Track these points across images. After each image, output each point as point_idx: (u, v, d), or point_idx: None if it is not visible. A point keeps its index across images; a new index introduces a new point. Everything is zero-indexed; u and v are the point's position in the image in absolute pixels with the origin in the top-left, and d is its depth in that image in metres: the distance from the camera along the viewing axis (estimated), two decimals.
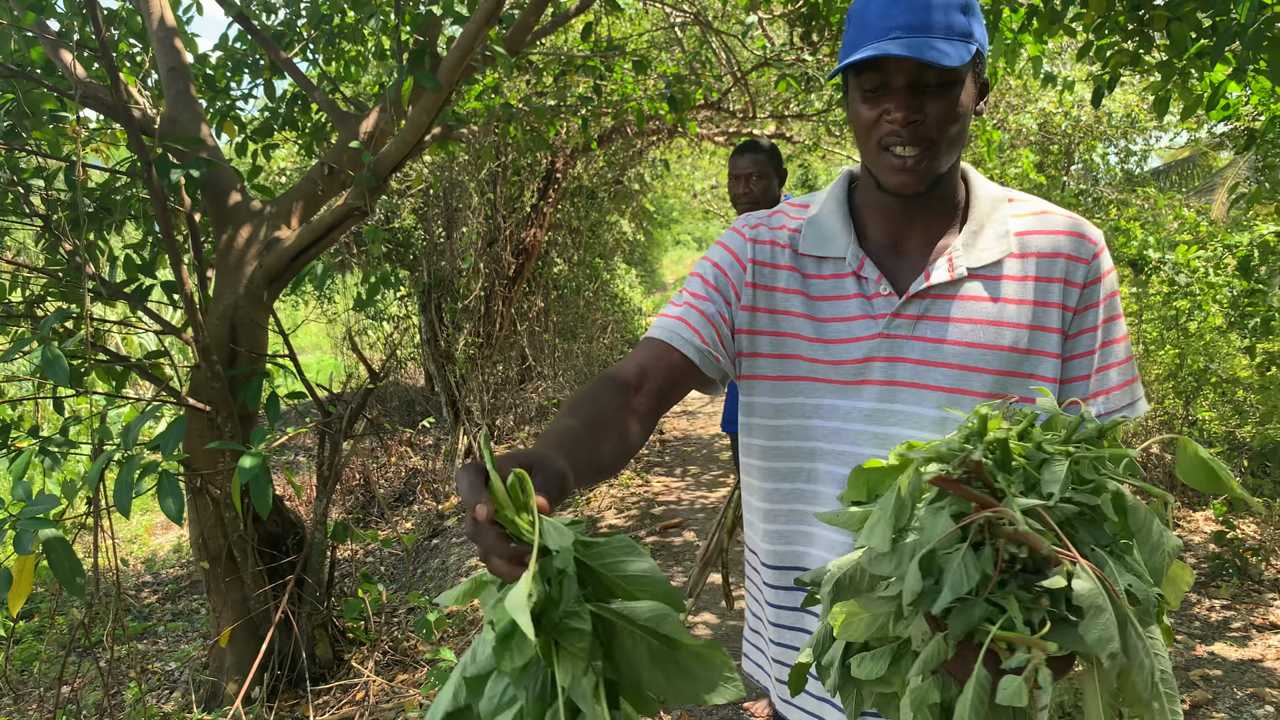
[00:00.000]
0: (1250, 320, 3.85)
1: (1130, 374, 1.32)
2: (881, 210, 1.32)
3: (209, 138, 3.82)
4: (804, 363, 1.32)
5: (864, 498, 1.03)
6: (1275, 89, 3.38)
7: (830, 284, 1.33)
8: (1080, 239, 1.28)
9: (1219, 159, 17.02)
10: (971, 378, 1.24)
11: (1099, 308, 1.27)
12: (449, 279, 7.22)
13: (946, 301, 1.26)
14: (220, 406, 3.48)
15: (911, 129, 1.19)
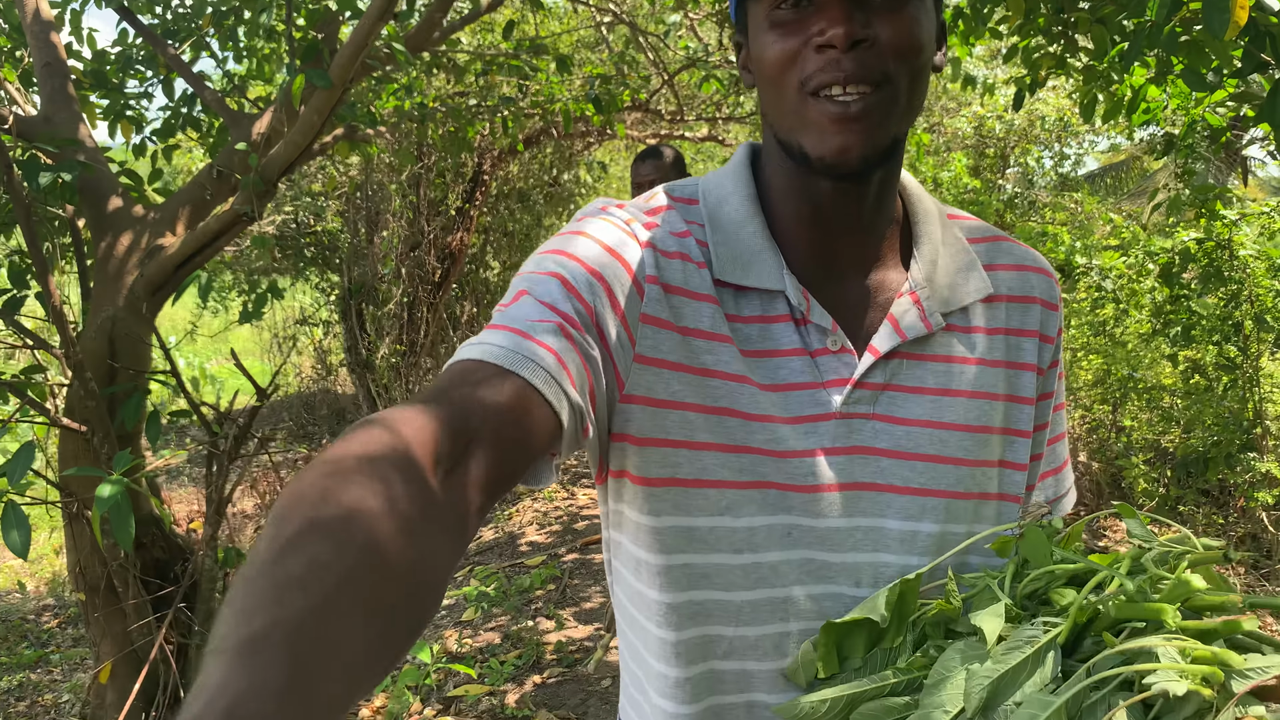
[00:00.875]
0: (1172, 328, 3.80)
1: (1066, 450, 1.02)
2: (806, 217, 0.87)
3: (88, 139, 3.58)
4: (715, 455, 0.83)
5: (836, 669, 0.76)
6: (1193, 94, 3.32)
7: (758, 332, 0.86)
8: (1049, 278, 0.95)
9: (1153, 163, 17.33)
10: (947, 473, 0.86)
11: (1058, 366, 0.96)
12: (370, 285, 7.00)
13: (917, 364, 0.87)
14: (96, 426, 3.25)
15: (857, 54, 0.77)
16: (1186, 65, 2.70)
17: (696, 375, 0.83)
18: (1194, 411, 4.06)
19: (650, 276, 0.83)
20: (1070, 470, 1.03)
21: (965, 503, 0.86)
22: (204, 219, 3.67)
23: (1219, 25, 2.06)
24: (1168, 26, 2.29)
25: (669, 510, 0.84)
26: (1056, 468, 0.99)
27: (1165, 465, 4.25)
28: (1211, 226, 3.69)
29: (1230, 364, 3.81)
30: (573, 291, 0.79)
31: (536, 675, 3.50)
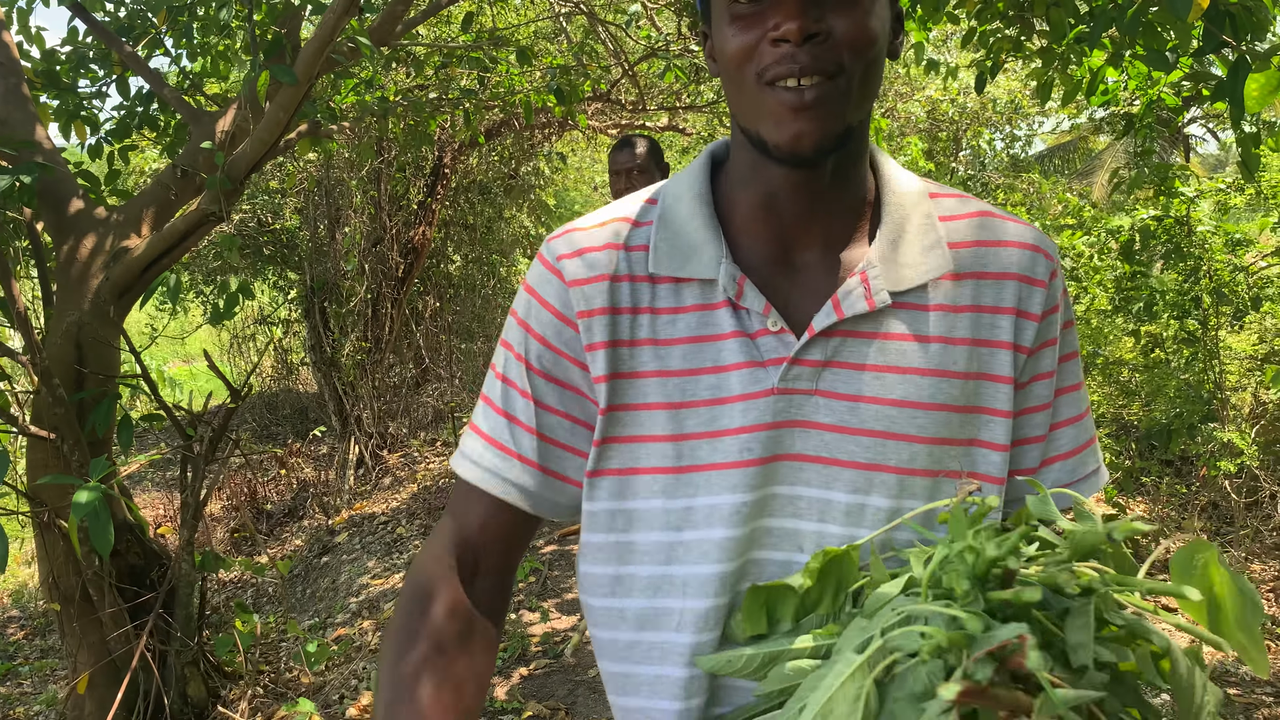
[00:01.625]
0: (1134, 304, 3.89)
1: (1089, 432, 0.99)
2: (764, 204, 0.91)
3: (45, 140, 3.51)
4: (668, 445, 0.90)
5: (764, 629, 0.78)
6: (1151, 74, 3.40)
7: (696, 319, 0.91)
8: (1034, 252, 0.93)
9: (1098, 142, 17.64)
10: (903, 450, 0.88)
11: (1055, 346, 0.94)
12: (333, 282, 6.92)
13: (862, 341, 0.89)
14: (66, 433, 3.20)
15: (811, 47, 0.81)
16: (1148, 46, 2.76)
17: (642, 380, 0.91)
18: (1155, 385, 4.16)
19: (583, 312, 0.92)
20: (1092, 455, 0.99)
21: (922, 480, 0.88)
22: (169, 219, 3.61)
23: (1182, 7, 2.11)
24: (1132, 10, 2.34)
25: (609, 495, 0.93)
26: (1065, 453, 0.97)
27: (1129, 438, 4.36)
28: (1169, 204, 3.79)
29: (1191, 337, 3.91)
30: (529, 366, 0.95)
31: (523, 668, 3.51)
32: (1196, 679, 0.66)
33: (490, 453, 0.95)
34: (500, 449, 0.95)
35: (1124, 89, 3.62)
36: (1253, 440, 3.63)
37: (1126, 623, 0.66)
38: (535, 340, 0.94)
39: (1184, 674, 0.66)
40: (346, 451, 6.90)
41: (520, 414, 0.95)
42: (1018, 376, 0.92)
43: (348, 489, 6.71)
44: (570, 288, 0.92)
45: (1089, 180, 16.09)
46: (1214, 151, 24.24)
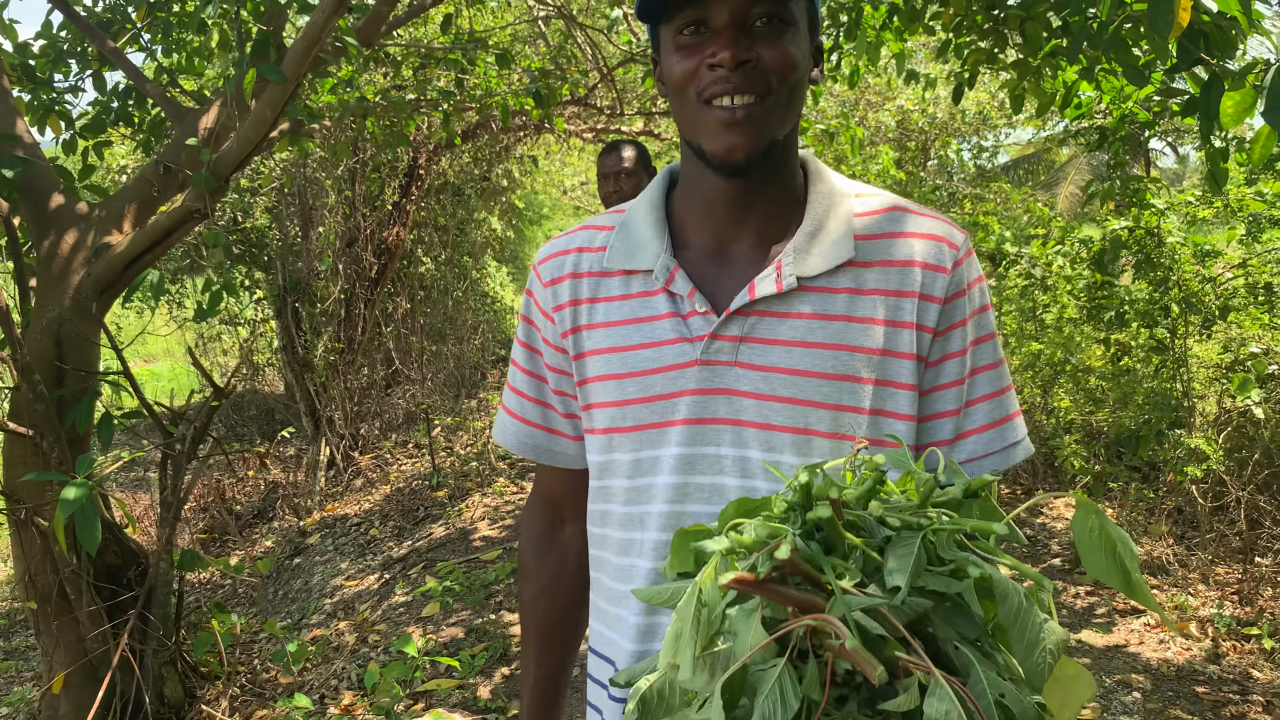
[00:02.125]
0: (1105, 313, 3.98)
1: (1008, 408, 1.08)
2: (704, 206, 1.08)
3: (26, 134, 3.47)
4: (615, 410, 1.09)
5: (690, 568, 0.85)
6: (1124, 88, 3.49)
7: (639, 304, 1.08)
8: (939, 242, 1.04)
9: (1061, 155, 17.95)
10: (808, 414, 1.01)
11: (965, 327, 1.04)
12: (306, 282, 6.88)
13: (775, 320, 1.02)
14: (45, 430, 3.16)
15: (742, 72, 0.97)
16: (1124, 62, 2.84)
17: (596, 356, 1.10)
18: (1123, 391, 4.26)
19: (555, 305, 1.14)
20: (1011, 430, 1.08)
21: (827, 442, 1.01)
22: (151, 216, 3.59)
23: (1164, 26, 2.18)
24: (1112, 27, 2.41)
25: (592, 451, 1.15)
26: (980, 426, 1.07)
27: (1097, 444, 4.45)
28: (1140, 215, 3.88)
29: (1160, 346, 4.01)
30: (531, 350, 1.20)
31: (504, 667, 3.51)
32: (1033, 616, 0.70)
33: (517, 425, 1.22)
34: (525, 423, 1.21)
35: (1098, 103, 3.71)
36: (1219, 446, 3.73)
37: (958, 558, 0.71)
38: (535, 331, 1.18)
39: (1015, 608, 0.70)
40: (318, 452, 6.85)
41: (530, 391, 1.20)
42: (924, 354, 1.03)
43: (319, 490, 6.66)
44: (546, 287, 1.15)
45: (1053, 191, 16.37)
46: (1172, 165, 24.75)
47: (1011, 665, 0.71)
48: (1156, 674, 3.23)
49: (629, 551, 1.11)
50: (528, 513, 1.30)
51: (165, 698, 3.54)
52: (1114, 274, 4.46)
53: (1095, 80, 3.56)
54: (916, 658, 0.67)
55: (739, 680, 0.69)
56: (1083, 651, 3.39)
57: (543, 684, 1.25)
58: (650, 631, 1.09)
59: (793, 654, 0.68)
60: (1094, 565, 0.76)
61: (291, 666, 3.53)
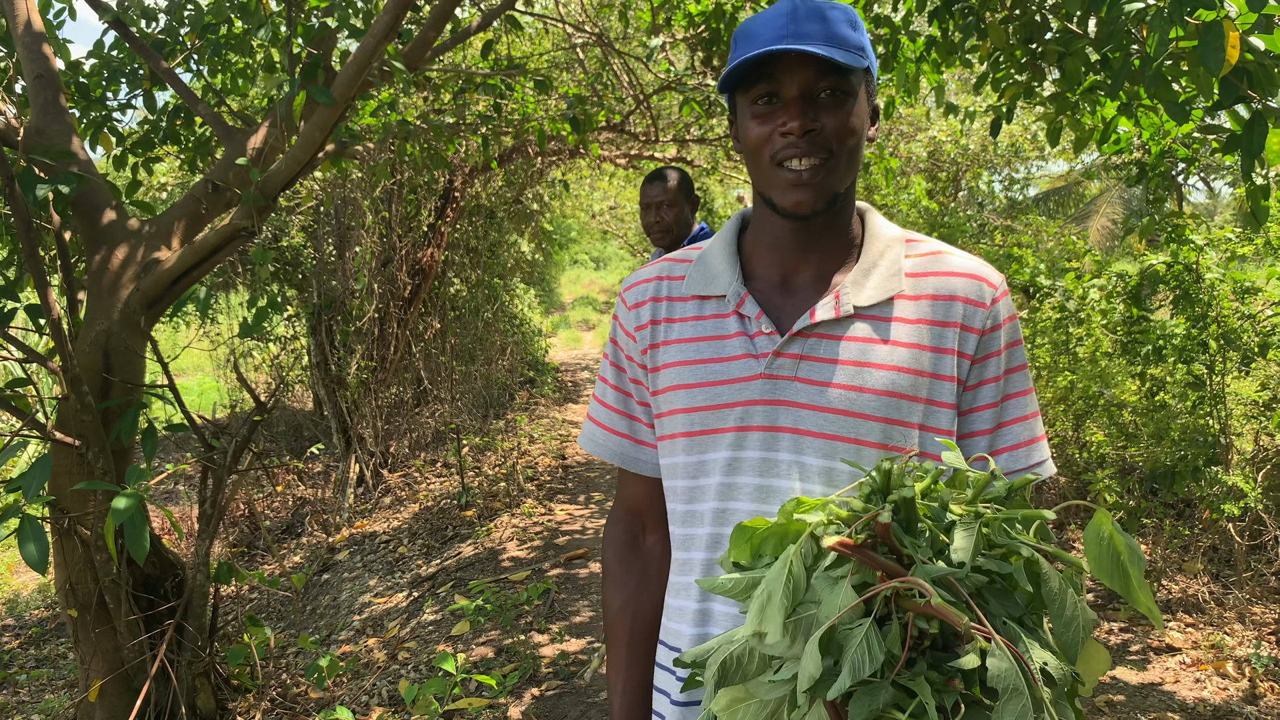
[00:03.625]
0: (1141, 347, 3.96)
1: (1035, 431, 1.22)
2: (771, 244, 1.24)
3: (80, 150, 3.56)
4: (683, 416, 1.23)
5: (747, 559, 0.93)
6: (1164, 124, 3.49)
7: (712, 324, 1.24)
8: (979, 282, 1.19)
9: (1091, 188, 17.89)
10: (860, 425, 1.14)
11: (1000, 357, 1.19)
12: (341, 300, 6.96)
13: (832, 342, 1.16)
14: (91, 441, 3.22)
15: (809, 139, 1.13)
16: (1164, 98, 2.85)
17: (670, 369, 1.24)
18: (1158, 427, 4.23)
19: (636, 326, 1.30)
20: (1037, 450, 1.22)
21: (875, 451, 1.13)
22: (199, 233, 3.66)
23: (1215, 64, 2.20)
24: (1155, 62, 2.42)
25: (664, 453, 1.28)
26: (1010, 445, 1.20)
27: (1131, 479, 4.42)
28: (1178, 250, 3.87)
29: (1198, 382, 3.98)
30: (619, 368, 1.35)
31: (534, 688, 3.52)
32: (1069, 596, 0.79)
33: (604, 435, 1.36)
34: (612, 433, 1.35)
35: (1137, 139, 3.72)
36: (1257, 484, 3.70)
37: (1008, 544, 0.81)
38: (624, 355, 1.33)
39: (1056, 589, 0.79)
40: (348, 469, 6.90)
41: (617, 404, 1.35)
42: (963, 378, 1.18)
43: (348, 507, 6.71)
44: (630, 310, 1.32)
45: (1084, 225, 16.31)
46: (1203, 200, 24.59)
47: (1049, 640, 0.80)
48: (1192, 713, 3.19)
49: (688, 546, 1.24)
50: (611, 521, 1.42)
51: (198, 709, 3.57)
52: (1150, 309, 4.44)
53: (1134, 116, 3.57)
54: (980, 625, 0.75)
55: (826, 639, 0.77)
56: (1117, 688, 3.36)
57: (632, 692, 1.33)
58: (706, 617, 1.21)
59: (876, 615, 0.77)
60: (1099, 570, 0.83)
61: (323, 681, 3.55)
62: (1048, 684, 0.75)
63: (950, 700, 0.75)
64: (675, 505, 1.26)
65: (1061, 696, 0.77)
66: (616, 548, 1.39)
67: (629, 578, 1.36)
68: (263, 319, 3.51)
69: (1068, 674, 0.77)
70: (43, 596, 6.53)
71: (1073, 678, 0.77)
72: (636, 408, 1.33)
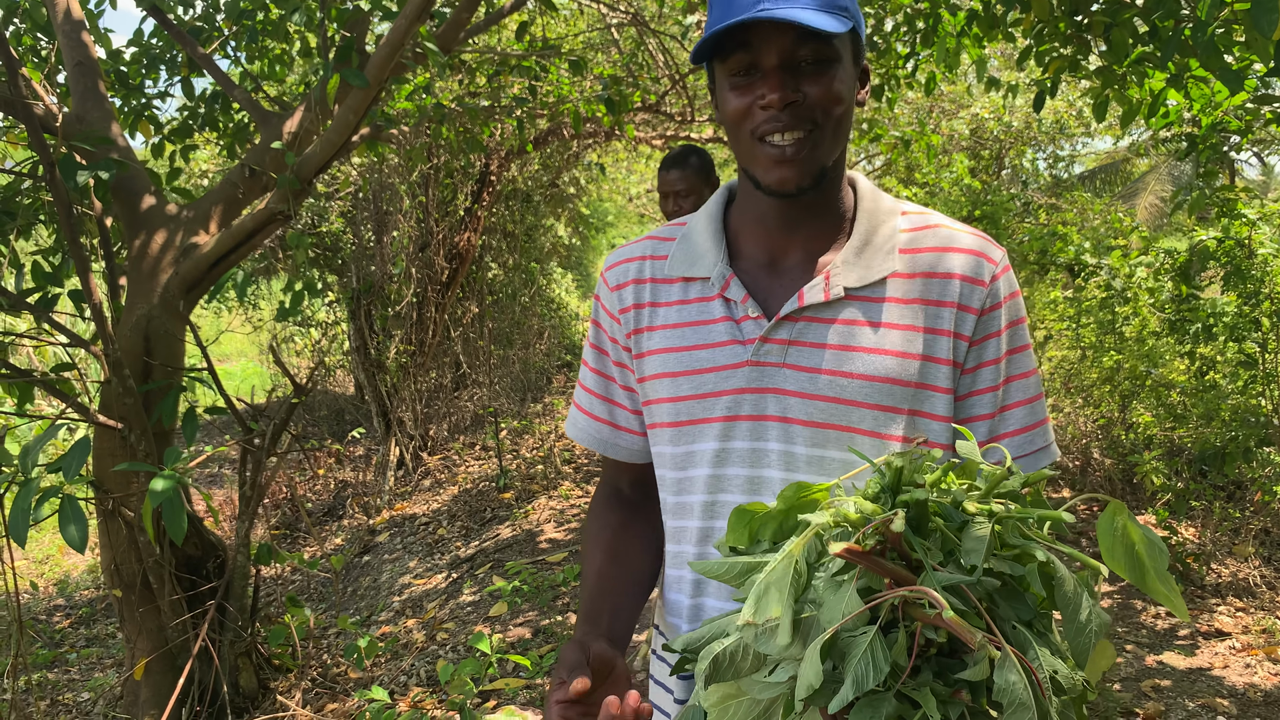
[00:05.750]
0: (1190, 326, 3.86)
1: (1038, 415, 1.15)
2: (758, 222, 1.16)
3: (120, 137, 3.59)
4: (669, 406, 1.17)
5: (744, 544, 0.89)
6: (1215, 96, 3.39)
7: (696, 308, 1.17)
8: (978, 258, 1.11)
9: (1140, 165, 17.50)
10: (850, 412, 1.08)
11: (1000, 337, 1.11)
12: (379, 285, 7.00)
13: (822, 325, 1.10)
14: (133, 423, 3.26)
15: (791, 111, 1.04)
16: (1217, 67, 2.76)
17: (655, 355, 1.19)
18: (1207, 407, 4.13)
19: (620, 308, 1.23)
20: (1041, 434, 1.15)
21: (869, 439, 1.08)
22: (236, 217, 3.68)
23: (1268, 25, 2.12)
24: (1210, 28, 2.34)
25: (652, 444, 1.23)
26: (1013, 430, 1.14)
27: (1179, 461, 4.32)
28: (1230, 226, 3.76)
29: (1250, 360, 3.87)
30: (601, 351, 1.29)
31: None
32: (1084, 600, 0.74)
33: (585, 420, 1.30)
34: (592, 418, 1.30)
35: (1186, 111, 3.61)
36: None
37: (1022, 545, 0.76)
38: (606, 336, 1.27)
39: (1070, 593, 0.74)
40: (388, 452, 6.96)
41: (597, 388, 1.29)
42: (961, 360, 1.10)
43: (388, 489, 6.76)
44: (613, 291, 1.24)
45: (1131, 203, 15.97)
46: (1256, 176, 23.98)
47: (1058, 644, 0.76)
48: (1243, 699, 3.11)
49: (679, 538, 1.20)
50: (597, 494, 1.36)
51: (240, 688, 3.62)
52: (1199, 286, 4.33)
53: (1184, 87, 3.46)
54: (990, 633, 0.72)
55: (828, 647, 0.73)
56: (1164, 673, 3.29)
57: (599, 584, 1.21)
58: (699, 613, 1.19)
59: (881, 623, 0.73)
60: (1112, 561, 0.79)
61: (363, 661, 3.58)
62: (1056, 692, 0.72)
63: (956, 712, 0.71)
64: (665, 496, 1.22)
65: (1069, 705, 0.74)
66: (595, 514, 1.32)
67: (607, 520, 1.28)
68: (299, 303, 3.53)
69: (1078, 681, 0.73)
70: (92, 577, 6.66)
71: (1083, 685, 0.73)
72: (619, 392, 1.27)
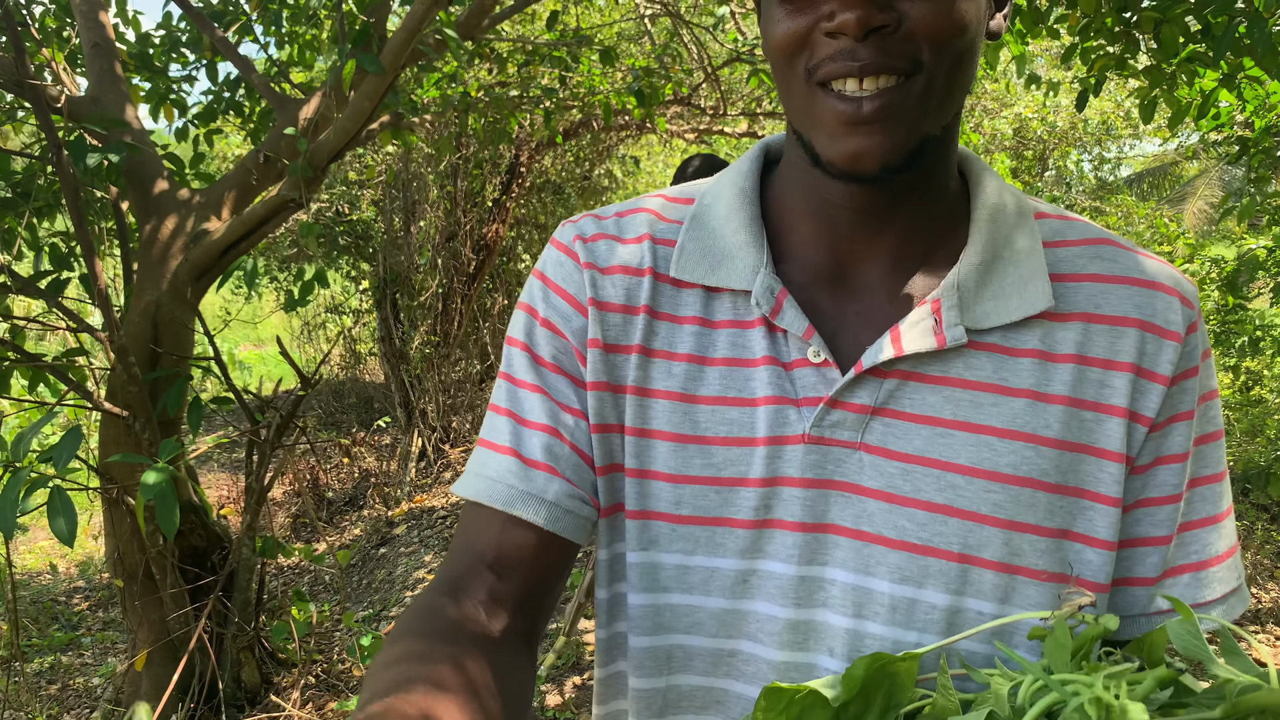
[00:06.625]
0: (1236, 338, 3.69)
1: (1229, 539, 0.76)
2: (818, 214, 0.74)
3: (134, 120, 3.55)
4: (667, 486, 0.75)
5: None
6: (1270, 97, 3.22)
7: (724, 338, 0.75)
8: (1167, 295, 0.72)
9: (1189, 169, 17.09)
10: (950, 529, 0.70)
11: (1191, 421, 0.73)
12: (405, 274, 6.96)
13: (926, 388, 0.71)
14: (138, 412, 3.22)
15: (876, 40, 0.63)
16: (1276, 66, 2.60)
17: (664, 400, 0.75)
18: (1252, 423, 3.95)
19: (593, 299, 0.77)
20: (1232, 569, 0.76)
21: (993, 575, 0.70)
22: (249, 204, 3.63)
23: None
24: (1271, 21, 2.19)
25: (633, 540, 0.77)
26: (1196, 563, 0.74)
27: None
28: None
29: None
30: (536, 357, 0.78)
31: (576, 676, 3.44)
32: None
33: (496, 459, 0.77)
34: (510, 454, 0.76)
35: (1239, 113, 3.44)
36: None
37: None
38: (545, 330, 0.78)
39: None
40: (409, 444, 6.92)
41: (529, 413, 0.77)
42: (1134, 455, 0.72)
43: (409, 481, 6.73)
44: (585, 269, 0.77)
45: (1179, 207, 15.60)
46: None
47: None
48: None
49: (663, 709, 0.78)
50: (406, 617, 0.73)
51: (242, 682, 3.57)
52: (1247, 297, 4.14)
53: (1237, 87, 3.29)
54: None
55: None
56: None
57: None
58: None
59: None
60: None
61: (364, 660, 3.51)
62: None
63: None
64: (634, 638, 0.78)
65: None
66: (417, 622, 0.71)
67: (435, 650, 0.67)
68: (308, 292, 3.47)
69: None
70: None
71: None
72: (574, 426, 0.78)
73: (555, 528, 0.74)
